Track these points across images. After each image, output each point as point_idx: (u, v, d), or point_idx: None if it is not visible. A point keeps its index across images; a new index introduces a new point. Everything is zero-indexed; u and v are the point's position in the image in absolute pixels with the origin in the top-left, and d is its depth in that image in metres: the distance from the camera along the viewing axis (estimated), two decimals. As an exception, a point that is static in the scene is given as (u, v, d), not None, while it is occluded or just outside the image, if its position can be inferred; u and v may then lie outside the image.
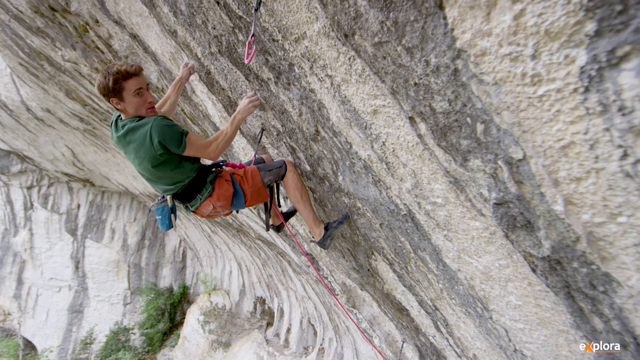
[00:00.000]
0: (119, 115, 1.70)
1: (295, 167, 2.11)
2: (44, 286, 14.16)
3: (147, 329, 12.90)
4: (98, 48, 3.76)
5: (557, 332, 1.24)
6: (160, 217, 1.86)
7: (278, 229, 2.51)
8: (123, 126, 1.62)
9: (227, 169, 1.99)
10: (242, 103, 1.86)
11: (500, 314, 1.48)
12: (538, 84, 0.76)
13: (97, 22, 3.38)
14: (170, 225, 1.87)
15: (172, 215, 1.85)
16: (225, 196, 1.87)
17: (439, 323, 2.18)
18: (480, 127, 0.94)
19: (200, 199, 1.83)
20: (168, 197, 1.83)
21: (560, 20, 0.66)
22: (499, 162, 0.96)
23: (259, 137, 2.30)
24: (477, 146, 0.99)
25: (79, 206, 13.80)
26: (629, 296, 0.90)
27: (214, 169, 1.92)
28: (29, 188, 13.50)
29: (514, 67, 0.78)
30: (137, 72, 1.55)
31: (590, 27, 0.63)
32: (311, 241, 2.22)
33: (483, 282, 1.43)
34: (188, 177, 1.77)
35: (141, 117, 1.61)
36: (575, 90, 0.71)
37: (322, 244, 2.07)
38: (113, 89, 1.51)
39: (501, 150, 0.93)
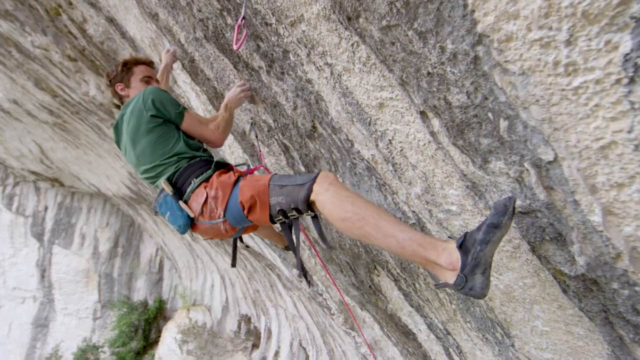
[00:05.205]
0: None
1: (334, 181, 1.26)
2: (6, 296, 13.97)
3: (118, 347, 12.69)
4: (71, 33, 3.73)
5: (589, 364, 1.19)
6: (169, 213, 1.50)
7: (305, 275, 1.99)
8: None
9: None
10: (233, 91, 1.83)
11: (524, 342, 1.44)
12: (573, 74, 0.72)
13: (71, 4, 3.35)
14: (187, 220, 1.47)
15: (182, 203, 1.46)
16: (223, 184, 1.45)
17: (451, 350, 2.13)
18: (503, 124, 0.91)
19: (195, 183, 1.46)
20: (163, 182, 1.50)
21: (601, 0, 0.62)
22: (526, 164, 0.92)
23: (252, 133, 2.24)
24: (499, 146, 0.95)
25: (46, 208, 13.61)
26: (676, 324, 0.86)
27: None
28: (-7, 188, 13.33)
29: (545, 55, 0.74)
30: (147, 62, 1.74)
31: (637, 8, 0.60)
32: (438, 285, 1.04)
33: (504, 304, 1.38)
34: (184, 154, 1.52)
35: None
36: (618, 81, 0.67)
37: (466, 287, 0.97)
38: (121, 71, 1.66)
39: (528, 151, 0.90)
